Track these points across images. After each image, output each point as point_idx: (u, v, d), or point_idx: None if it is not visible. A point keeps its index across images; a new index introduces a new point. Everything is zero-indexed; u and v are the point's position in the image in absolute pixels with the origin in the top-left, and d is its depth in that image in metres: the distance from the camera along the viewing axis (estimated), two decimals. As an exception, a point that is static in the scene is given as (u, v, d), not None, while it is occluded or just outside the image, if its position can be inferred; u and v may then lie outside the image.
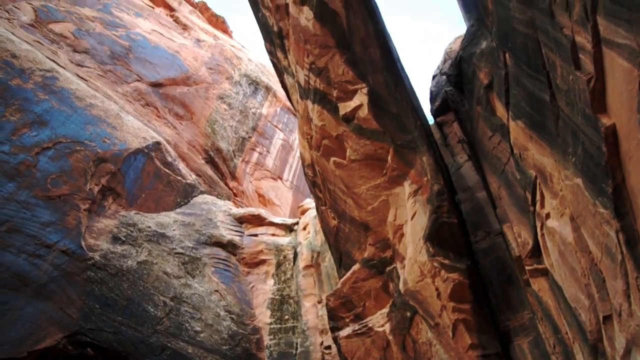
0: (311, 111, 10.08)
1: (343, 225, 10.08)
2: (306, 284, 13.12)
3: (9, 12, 14.59)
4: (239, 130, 21.48)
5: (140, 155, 14.06)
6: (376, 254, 9.02)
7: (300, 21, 9.29)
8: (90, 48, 16.56)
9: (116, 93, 16.43)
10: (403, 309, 7.82)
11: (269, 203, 20.66)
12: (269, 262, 14.52)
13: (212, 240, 14.13)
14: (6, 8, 14.55)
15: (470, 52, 8.50)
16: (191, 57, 21.74)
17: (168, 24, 24.16)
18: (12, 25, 14.07)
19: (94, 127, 12.93)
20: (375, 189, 8.90)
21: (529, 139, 5.70)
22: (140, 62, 18.43)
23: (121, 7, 20.63)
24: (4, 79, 11.45)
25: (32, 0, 15.74)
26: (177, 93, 19.22)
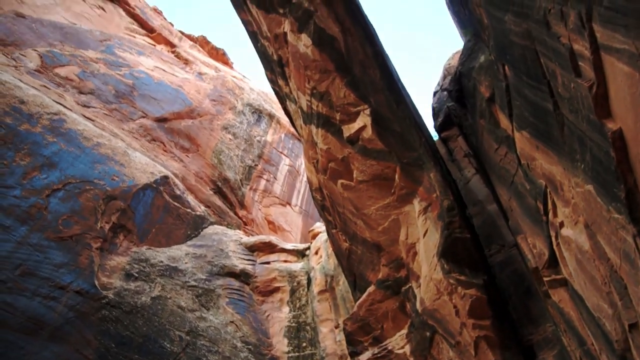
0: (315, 135, 10.15)
1: (355, 247, 10.01)
2: (322, 309, 12.94)
3: (15, 59, 14.96)
4: (245, 158, 21.62)
5: (148, 191, 14.15)
6: (390, 275, 8.92)
7: (299, 48, 9.44)
8: (95, 89, 16.88)
9: (122, 131, 16.66)
10: (422, 329, 7.68)
11: (279, 229, 20.60)
12: (282, 289, 14.39)
13: (225, 271, 14.06)
14: (13, 56, 14.93)
15: (469, 67, 8.57)
16: (194, 91, 22.08)
17: (170, 60, 24.64)
18: (19, 72, 14.42)
19: (102, 166, 13.08)
20: (384, 208, 8.87)
21: (535, 149, 5.67)
22: (145, 99, 18.74)
23: (124, 47, 21.11)
24: (13, 125, 11.66)
25: (37, 47, 16.15)
26: (182, 126, 19.45)
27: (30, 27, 16.87)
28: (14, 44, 15.43)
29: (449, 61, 11.05)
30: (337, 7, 8.72)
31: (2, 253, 9.87)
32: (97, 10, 23.24)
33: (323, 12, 8.82)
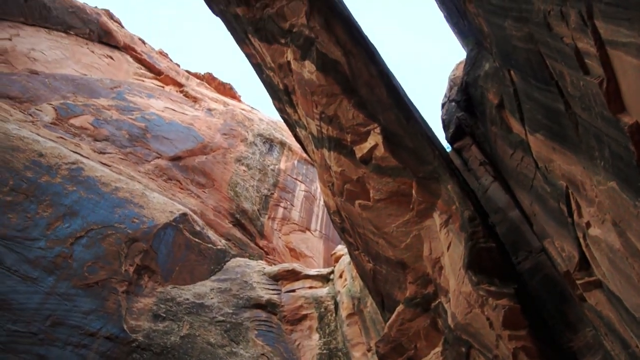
0: (328, 159, 10.18)
1: (379, 267, 9.89)
2: (352, 333, 12.72)
3: (32, 115, 15.45)
4: (261, 188, 21.74)
5: (169, 229, 14.28)
6: (418, 292, 8.76)
7: (304, 75, 9.58)
8: (109, 135, 17.28)
9: (139, 173, 16.94)
10: (457, 345, 7.47)
11: (301, 256, 20.51)
12: (310, 316, 14.22)
13: (251, 303, 13.98)
14: (29, 112, 15.43)
15: (474, 76, 8.58)
16: (205, 127, 22.45)
17: (179, 99, 25.18)
18: (36, 126, 14.86)
19: (122, 210, 13.28)
20: (405, 225, 8.79)
21: (552, 150, 5.60)
22: (158, 140, 19.09)
23: (133, 92, 21.67)
24: (33, 178, 11.96)
25: (52, 101, 16.67)
26: (197, 163, 19.71)
27: (44, 82, 17.46)
28: (30, 100, 15.96)
29: (453, 72, 11.08)
30: (337, 31, 8.86)
31: (31, 305, 9.99)
32: (106, 59, 23.99)
33: (324, 37, 8.97)
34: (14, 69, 17.31)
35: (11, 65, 17.41)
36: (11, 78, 16.46)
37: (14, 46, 18.49)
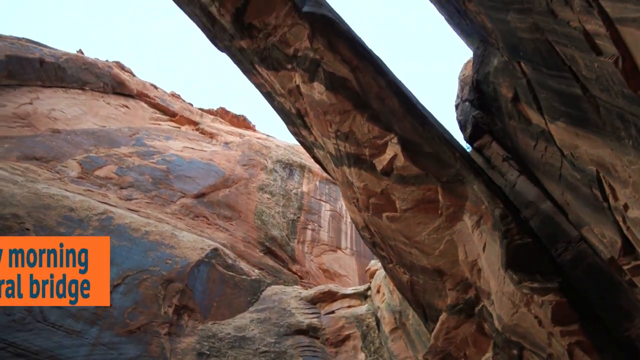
0: (349, 175, 10.17)
1: (416, 278, 9.72)
2: (398, 348, 12.45)
3: (59, 172, 15.95)
4: (287, 213, 21.80)
5: (202, 266, 14.39)
6: (459, 298, 8.56)
7: (314, 96, 9.66)
8: (133, 181, 17.68)
9: (166, 214, 17.21)
10: (507, 347, 7.23)
11: (335, 276, 20.34)
12: (353, 335, 14.01)
13: (292, 330, 13.87)
14: (56, 170, 15.94)
15: (484, 73, 8.51)
16: (224, 160, 22.76)
17: (196, 137, 25.69)
18: (64, 182, 15.33)
19: (154, 253, 13.47)
20: (436, 232, 8.65)
21: (575, 137, 5.47)
22: (181, 180, 19.42)
23: (152, 137, 22.20)
24: (67, 233, 12.27)
25: (76, 156, 17.21)
26: (221, 197, 19.93)
27: (67, 139, 18.07)
28: (55, 159, 16.50)
29: (462, 72, 11.02)
30: (341, 49, 8.94)
31: (79, 358, 10.14)
32: (122, 109, 24.73)
33: (329, 57, 9.06)
34: (37, 130, 17.98)
35: (34, 128, 18.10)
36: (35, 140, 17.09)
37: (35, 109, 19.25)
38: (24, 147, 16.38)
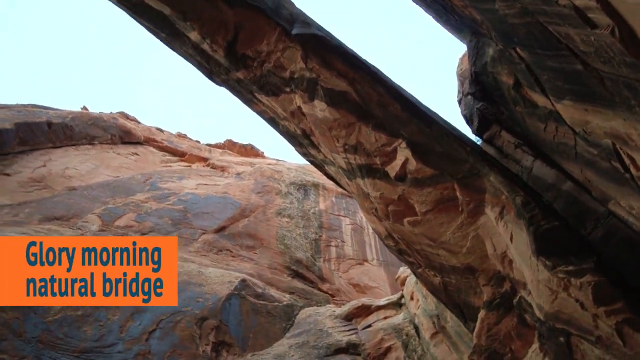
0: (364, 187, 10.14)
1: (448, 279, 9.58)
2: (441, 353, 12.19)
3: (80, 228, 16.21)
4: (308, 234, 21.77)
5: (233, 299, 14.39)
6: (495, 292, 8.39)
7: (317, 115, 9.71)
8: (154, 226, 17.87)
9: (190, 253, 17.32)
10: (553, 336, 7.02)
11: (366, 289, 20.14)
12: (394, 347, 13.78)
13: (332, 350, 13.70)
14: (77, 226, 16.21)
15: (482, 64, 8.49)
16: (239, 191, 22.92)
17: (208, 173, 25.98)
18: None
19: (184, 293, 13.52)
20: (460, 229, 8.54)
21: (585, 112, 5.40)
22: (199, 217, 19.58)
23: (165, 179, 22.50)
24: (96, 287, 12.41)
25: (94, 210, 17.50)
26: (241, 227, 20.01)
27: (83, 195, 18.41)
28: (75, 216, 16.79)
29: (459, 67, 11.00)
30: (336, 64, 9.02)
31: (125, 410, 10.15)
32: (132, 157, 25.16)
33: (325, 74, 9.14)
34: (54, 190, 18.38)
35: (51, 189, 18.51)
36: (54, 200, 17.45)
37: (49, 170, 19.71)
38: (43, 209, 16.71)
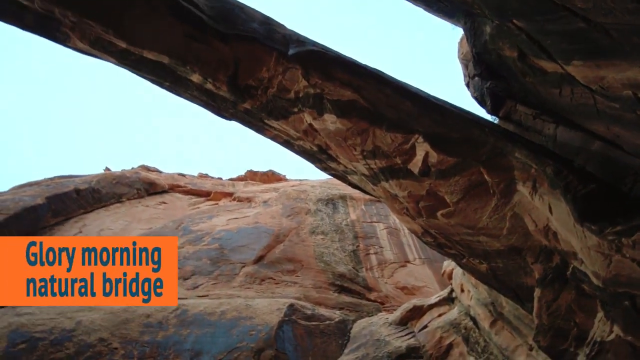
0: (391, 189, 10.07)
1: (494, 264, 9.36)
2: (504, 340, 11.83)
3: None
4: (345, 247, 21.66)
5: (285, 326, 14.36)
6: (546, 268, 8.14)
7: (329, 128, 9.74)
8: (194, 269, 18.08)
9: (234, 288, 17.42)
10: (617, 302, 6.74)
11: (414, 290, 19.84)
12: (455, 342, 13.46)
13: (393, 358, 13.48)
14: (121, 284, 16.53)
15: (481, 43, 8.40)
16: (269, 218, 23.04)
17: (235, 207, 26.24)
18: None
19: (236, 329, 13.59)
20: (496, 212, 8.36)
21: (597, 68, 5.27)
22: (236, 251, 19.73)
23: (195, 221, 22.82)
24: (151, 339, 12.60)
25: (134, 265, 17.85)
26: (278, 254, 20.06)
27: (121, 253, 18.78)
28: (118, 274, 17.13)
29: (460, 51, 10.91)
30: (338, 75, 9.06)
31: None
32: (160, 206, 25.67)
33: (329, 87, 9.18)
34: (94, 254, 18.81)
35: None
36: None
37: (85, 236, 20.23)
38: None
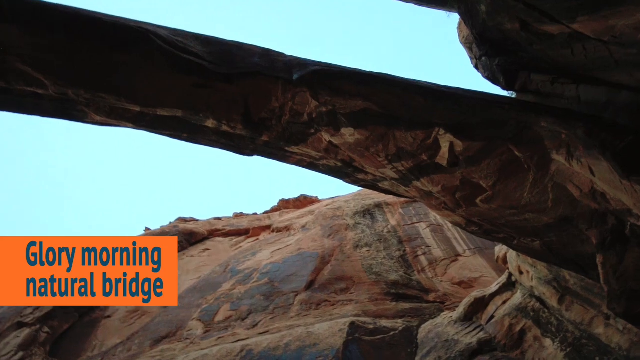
0: (423, 187, 9.94)
1: (547, 239, 9.04)
2: (577, 314, 11.33)
3: (188, 337, 16.80)
4: (392, 254, 21.40)
5: (350, 346, 14.20)
6: (602, 231, 7.79)
7: (349, 141, 9.75)
8: (249, 307, 18.21)
9: (292, 318, 17.41)
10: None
11: (472, 282, 19.33)
12: (527, 327, 12.97)
13: (467, 355, 13.08)
14: (184, 337, 16.80)
15: (480, 23, 8.30)
16: (311, 242, 23.07)
17: (276, 238, 26.43)
18: (197, 344, 16.05)
19: (304, 358, 13.53)
20: (535, 186, 8.11)
21: (605, 19, 5.12)
22: (286, 281, 19.78)
23: (240, 261, 23.09)
24: (223, 386, 12.67)
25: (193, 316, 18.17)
26: (327, 275, 19.99)
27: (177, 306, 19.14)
28: (179, 328, 17.46)
29: (460, 36, 10.81)
30: (346, 87, 9.09)
31: None
32: (204, 253, 26.10)
33: (340, 101, 9.22)
34: (152, 313, 19.25)
35: (148, 313, 19.41)
36: (155, 322, 18.26)
37: (140, 298, 20.71)
38: (149, 333, 17.48)
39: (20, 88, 8.53)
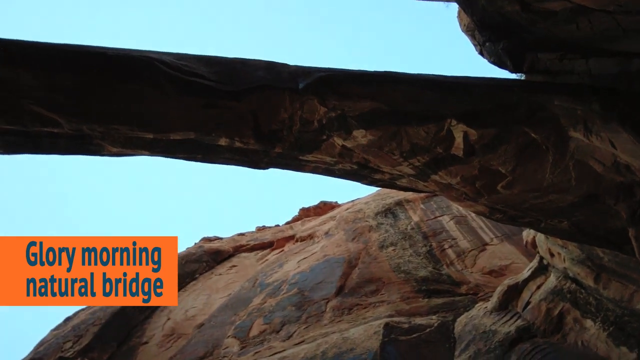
0: (442, 179, 9.85)
1: (575, 218, 8.86)
2: (615, 292, 11.02)
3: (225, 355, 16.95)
4: (418, 250, 21.22)
5: (387, 347, 14.09)
6: (632, 204, 7.61)
7: (362, 143, 9.72)
8: (282, 319, 18.24)
9: (325, 326, 17.37)
10: None
11: (502, 270, 19.01)
12: (565, 309, 12.67)
13: (507, 345, 12.84)
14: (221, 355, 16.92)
15: (479, 9, 8.24)
16: (335, 247, 23.05)
17: (300, 247, 26.46)
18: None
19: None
20: (556, 166, 7.97)
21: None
22: (315, 289, 19.77)
23: (268, 274, 23.17)
24: (265, 401, 12.70)
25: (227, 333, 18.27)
26: (356, 278, 19.92)
27: (212, 325, 19.32)
28: (215, 347, 17.58)
29: (461, 24, 10.71)
30: (353, 90, 9.08)
31: None
32: (231, 270, 26.29)
33: (348, 105, 9.22)
34: (188, 335, 19.44)
35: (184, 335, 19.60)
36: (192, 344, 18.42)
37: (174, 321, 20.96)
38: (187, 355, 17.64)
39: (37, 130, 8.72)
